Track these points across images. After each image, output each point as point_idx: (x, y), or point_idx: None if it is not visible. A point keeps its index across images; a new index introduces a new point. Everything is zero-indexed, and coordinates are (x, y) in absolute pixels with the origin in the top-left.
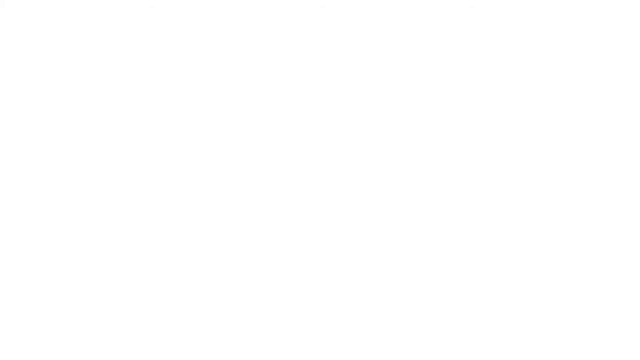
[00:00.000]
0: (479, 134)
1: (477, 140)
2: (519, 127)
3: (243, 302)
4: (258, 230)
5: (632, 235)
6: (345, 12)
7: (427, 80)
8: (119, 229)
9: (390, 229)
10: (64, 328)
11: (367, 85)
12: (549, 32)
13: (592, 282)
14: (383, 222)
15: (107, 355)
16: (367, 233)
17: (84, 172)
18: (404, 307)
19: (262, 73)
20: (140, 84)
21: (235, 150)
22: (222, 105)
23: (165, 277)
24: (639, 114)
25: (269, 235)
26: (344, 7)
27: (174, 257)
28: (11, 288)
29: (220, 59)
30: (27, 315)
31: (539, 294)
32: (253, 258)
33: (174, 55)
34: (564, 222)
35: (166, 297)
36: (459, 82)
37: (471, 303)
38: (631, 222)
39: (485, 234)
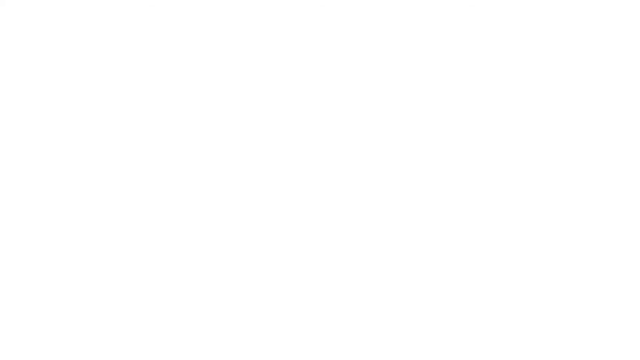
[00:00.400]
0: (479, 133)
1: (477, 140)
2: (519, 127)
3: (243, 302)
4: (258, 230)
5: (632, 235)
6: (345, 12)
7: (427, 80)
8: (119, 228)
9: (390, 229)
10: (64, 328)
11: (367, 85)
12: (549, 32)
13: (592, 282)
14: (383, 222)
15: (107, 356)
16: (367, 233)
17: (84, 172)
18: (404, 307)
19: (262, 73)
20: (141, 83)
21: (236, 149)
22: (222, 105)
23: (165, 277)
24: (639, 114)
25: (269, 235)
26: (344, 7)
27: (174, 257)
28: (11, 288)
29: (220, 59)
30: (27, 315)
31: (539, 294)
32: (253, 258)
33: (174, 55)
34: (564, 222)
35: (166, 297)
36: (459, 82)
37: (471, 303)
38: (631, 222)
39: (485, 234)
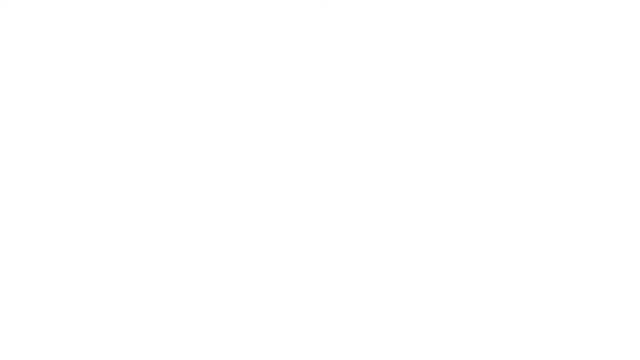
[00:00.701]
0: (479, 133)
1: (477, 140)
2: (519, 127)
3: (243, 302)
4: (258, 230)
5: (632, 235)
6: (345, 12)
7: (427, 80)
8: (119, 229)
9: (390, 229)
10: (64, 328)
11: (367, 85)
12: (549, 32)
13: (592, 282)
14: (383, 222)
15: (107, 356)
16: (367, 233)
17: (84, 172)
18: (404, 307)
19: (262, 73)
20: (141, 84)
21: (236, 150)
22: (222, 105)
23: (165, 277)
24: (639, 113)
25: (269, 235)
26: (344, 7)
27: (174, 257)
28: (11, 288)
29: (220, 59)
30: (27, 315)
31: (539, 294)
32: (253, 258)
33: (174, 55)
34: (564, 222)
35: (166, 297)
36: (459, 82)
37: (471, 303)
38: (631, 222)
39: (485, 234)
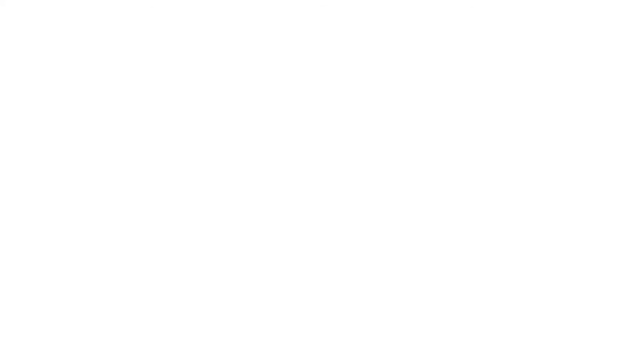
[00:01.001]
0: (479, 133)
1: (477, 140)
2: (519, 127)
3: (243, 302)
4: (258, 230)
5: (632, 235)
6: (345, 12)
7: (427, 80)
8: (119, 229)
9: (390, 229)
10: (64, 328)
11: (367, 85)
12: (549, 32)
13: (592, 282)
14: (383, 222)
15: (107, 356)
16: (367, 233)
17: (85, 172)
18: (404, 307)
19: (262, 73)
20: (141, 84)
21: (235, 150)
22: (222, 105)
23: (165, 277)
24: (639, 113)
25: (269, 235)
26: (344, 7)
27: (174, 257)
28: (11, 288)
29: (220, 59)
30: (27, 315)
31: (539, 294)
32: (253, 258)
33: (174, 55)
34: (564, 222)
35: (166, 297)
36: (459, 82)
37: (471, 303)
38: (631, 222)
39: (485, 234)
